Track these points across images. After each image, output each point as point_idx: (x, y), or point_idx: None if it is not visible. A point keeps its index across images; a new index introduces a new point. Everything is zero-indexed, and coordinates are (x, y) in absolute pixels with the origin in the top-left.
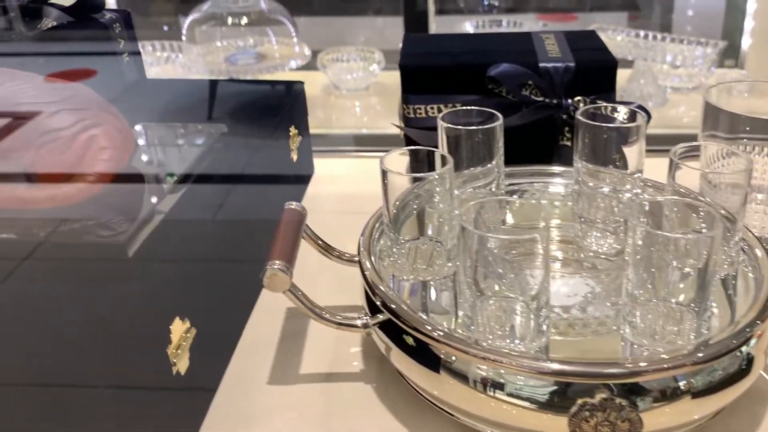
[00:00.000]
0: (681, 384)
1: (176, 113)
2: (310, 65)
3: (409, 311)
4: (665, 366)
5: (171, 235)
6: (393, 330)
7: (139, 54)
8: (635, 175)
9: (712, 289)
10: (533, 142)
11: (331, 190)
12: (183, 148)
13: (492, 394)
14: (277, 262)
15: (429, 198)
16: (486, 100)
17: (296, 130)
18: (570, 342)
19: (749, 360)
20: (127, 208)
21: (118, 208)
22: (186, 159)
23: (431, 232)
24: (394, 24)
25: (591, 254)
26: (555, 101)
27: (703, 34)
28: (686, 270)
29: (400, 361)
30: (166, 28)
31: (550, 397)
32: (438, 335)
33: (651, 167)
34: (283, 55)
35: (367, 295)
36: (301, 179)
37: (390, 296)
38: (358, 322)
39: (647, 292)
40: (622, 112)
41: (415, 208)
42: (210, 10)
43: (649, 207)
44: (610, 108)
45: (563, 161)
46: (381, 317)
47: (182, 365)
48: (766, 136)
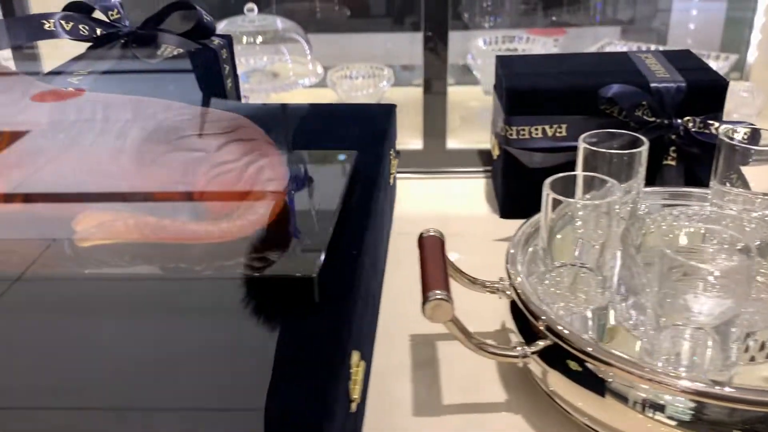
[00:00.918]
0: None
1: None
2: (319, 82)
3: (578, 336)
4: None
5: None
6: (555, 356)
7: (237, 77)
8: None
9: None
10: None
11: (409, 211)
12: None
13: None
14: (438, 291)
15: (583, 223)
16: (593, 120)
17: (394, 153)
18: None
19: None
20: (310, 239)
21: (295, 241)
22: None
23: (582, 258)
24: (401, 40)
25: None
26: (666, 121)
27: (703, 47)
28: None
29: (561, 387)
30: None
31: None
32: (614, 360)
33: None
34: (297, 74)
35: (524, 322)
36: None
37: (556, 320)
38: (517, 351)
39: None
40: (741, 132)
41: (558, 233)
42: (225, 29)
43: None
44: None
45: (665, 182)
46: (542, 344)
47: (356, 399)
48: None
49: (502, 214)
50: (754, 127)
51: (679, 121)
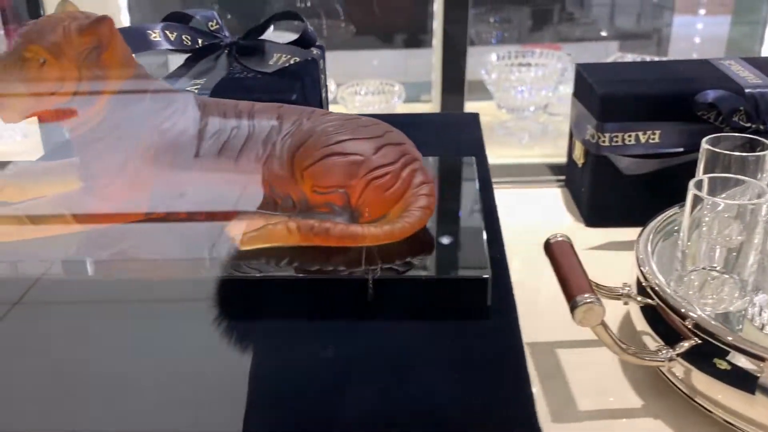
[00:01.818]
0: None
1: None
2: (330, 99)
3: (735, 333)
4: None
5: None
6: (700, 356)
7: (327, 88)
8: None
9: None
10: None
11: None
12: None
13: None
14: (587, 295)
15: (719, 227)
16: (687, 126)
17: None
18: None
19: None
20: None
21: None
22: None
23: (716, 262)
24: (411, 56)
25: None
26: (761, 126)
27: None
28: None
29: (707, 387)
30: None
31: None
32: None
33: None
34: None
35: (663, 325)
36: None
37: (707, 319)
38: (662, 355)
39: None
40: None
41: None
42: None
43: None
44: None
45: None
46: (687, 345)
47: None
48: None
49: (588, 223)
50: None
51: None
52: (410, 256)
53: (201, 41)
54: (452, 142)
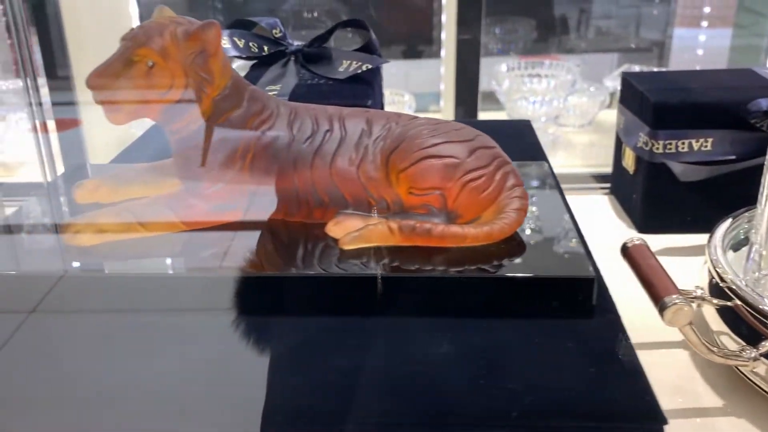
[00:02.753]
0: None
1: None
2: None
3: None
4: None
5: None
6: None
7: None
8: None
9: None
10: None
11: None
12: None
13: None
14: (675, 296)
15: None
16: (738, 134)
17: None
18: None
19: None
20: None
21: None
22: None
23: None
24: (415, 67)
25: None
26: None
27: None
28: None
29: None
30: None
31: None
32: None
33: None
34: None
35: (744, 326)
36: None
37: None
38: (746, 354)
39: None
40: None
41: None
42: None
43: None
44: None
45: None
46: None
47: None
48: None
49: (641, 229)
50: None
51: None
52: (508, 257)
53: (267, 48)
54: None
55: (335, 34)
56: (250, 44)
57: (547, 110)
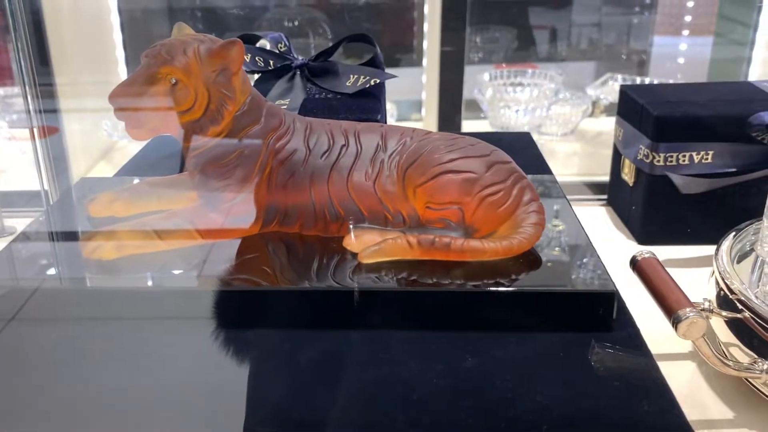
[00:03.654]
0: None
1: None
2: None
3: None
4: None
5: None
6: None
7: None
8: None
9: None
10: None
11: None
12: None
13: None
14: (689, 309)
15: None
16: (739, 146)
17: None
18: None
19: None
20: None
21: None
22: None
23: None
24: (399, 75)
25: None
26: None
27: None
28: None
29: None
30: None
31: None
32: None
33: None
34: None
35: (755, 338)
36: None
37: None
38: (759, 366)
39: None
40: None
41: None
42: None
43: None
44: None
45: None
46: None
47: None
48: None
49: (640, 241)
50: None
51: None
52: (527, 272)
53: (272, 62)
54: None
55: (315, 43)
56: (257, 58)
57: (530, 119)
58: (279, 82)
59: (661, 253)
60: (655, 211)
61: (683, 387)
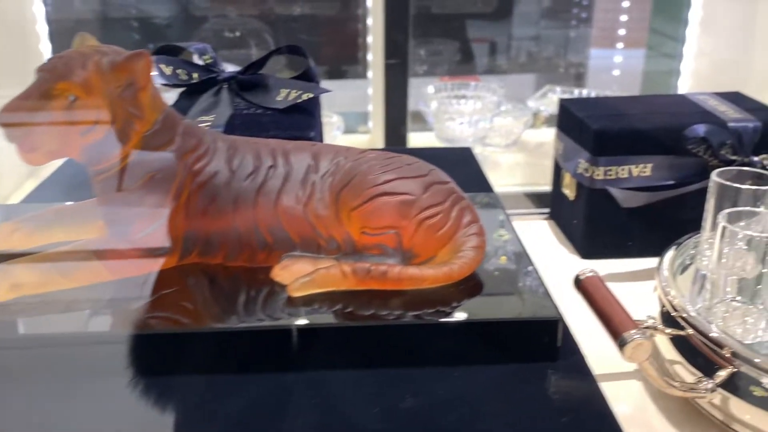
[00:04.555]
0: None
1: None
2: None
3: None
4: None
5: None
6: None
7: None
8: None
9: None
10: None
11: None
12: None
13: None
14: (634, 332)
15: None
16: (676, 159)
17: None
18: None
19: None
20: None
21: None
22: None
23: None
24: (340, 87)
25: None
26: (746, 159)
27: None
28: None
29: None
30: None
31: None
32: None
33: None
34: None
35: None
36: None
37: (744, 348)
38: (703, 385)
39: None
40: None
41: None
42: None
43: None
44: None
45: None
46: (724, 374)
47: None
48: None
49: (583, 255)
50: None
51: (756, 158)
52: (468, 298)
53: (197, 75)
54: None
55: (257, 54)
56: (178, 71)
57: (474, 131)
58: (203, 97)
59: (605, 267)
60: (597, 225)
61: (631, 407)
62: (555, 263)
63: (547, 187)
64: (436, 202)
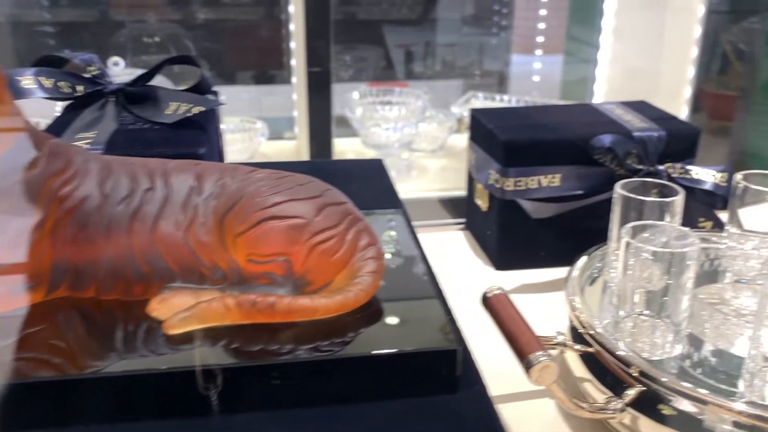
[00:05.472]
0: None
1: None
2: None
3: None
4: None
5: None
6: (647, 402)
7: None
8: None
9: None
10: None
11: None
12: None
13: None
14: (540, 353)
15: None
16: (584, 169)
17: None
18: None
19: None
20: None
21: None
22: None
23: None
24: (265, 93)
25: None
26: (651, 168)
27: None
28: None
29: None
30: None
31: None
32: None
33: None
34: None
35: (609, 373)
36: None
37: (651, 367)
38: (613, 406)
39: None
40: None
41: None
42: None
43: None
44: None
45: None
46: (633, 392)
47: None
48: None
49: (497, 266)
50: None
51: (662, 167)
52: (364, 327)
53: (81, 88)
54: (365, 193)
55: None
56: (60, 84)
57: (400, 136)
58: (87, 111)
59: (519, 278)
60: (510, 236)
61: (543, 427)
62: (469, 275)
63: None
64: (329, 225)
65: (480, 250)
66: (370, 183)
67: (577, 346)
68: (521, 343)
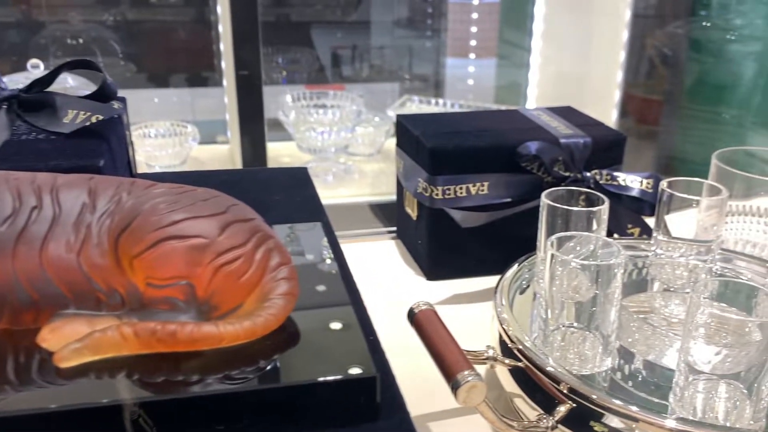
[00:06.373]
0: None
1: None
2: None
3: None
4: None
5: None
6: (578, 419)
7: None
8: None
9: None
10: None
11: None
12: None
13: None
14: (467, 372)
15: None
16: (512, 176)
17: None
18: None
19: None
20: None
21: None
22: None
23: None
24: (197, 95)
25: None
26: (578, 175)
27: (479, 100)
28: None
29: None
30: None
31: None
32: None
33: None
34: None
35: (539, 388)
36: None
37: (580, 383)
38: (544, 424)
39: None
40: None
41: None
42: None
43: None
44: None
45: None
46: (563, 409)
47: None
48: None
49: (428, 276)
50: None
51: (589, 174)
52: (276, 354)
53: None
54: (288, 203)
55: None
56: None
57: (336, 140)
58: None
59: (451, 288)
60: (440, 245)
61: None
62: (400, 286)
63: None
64: (235, 245)
65: (411, 260)
66: (293, 192)
67: (507, 361)
68: (448, 362)
